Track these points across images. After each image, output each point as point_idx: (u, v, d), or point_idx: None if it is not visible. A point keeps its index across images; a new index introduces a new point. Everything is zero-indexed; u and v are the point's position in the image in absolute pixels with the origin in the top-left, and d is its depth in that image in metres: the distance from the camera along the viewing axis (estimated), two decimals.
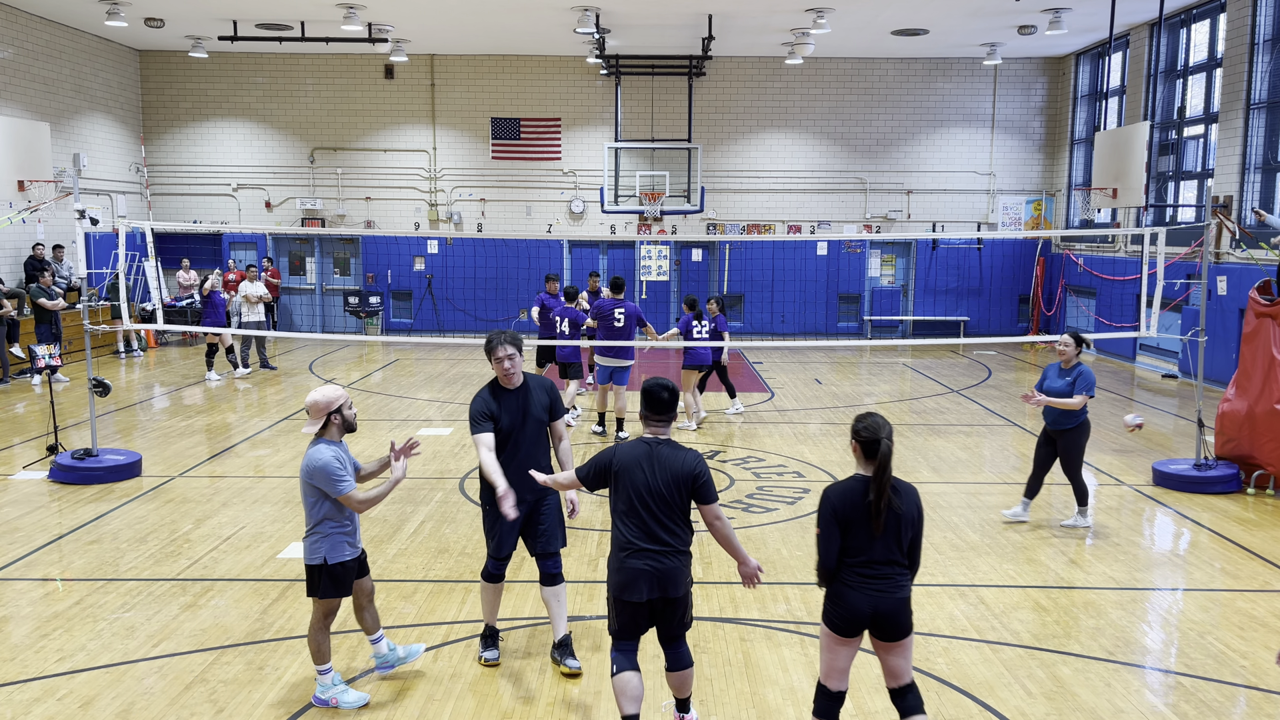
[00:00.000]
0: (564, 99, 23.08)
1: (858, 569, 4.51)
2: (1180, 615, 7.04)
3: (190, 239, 23.00)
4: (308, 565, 5.48)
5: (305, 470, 5.50)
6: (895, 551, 4.52)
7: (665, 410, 4.99)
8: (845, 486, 4.56)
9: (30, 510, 9.16)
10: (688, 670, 5.12)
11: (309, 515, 5.52)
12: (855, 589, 4.51)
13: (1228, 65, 16.40)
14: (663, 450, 4.92)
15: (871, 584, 4.50)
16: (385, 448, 11.69)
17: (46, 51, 19.43)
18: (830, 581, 4.60)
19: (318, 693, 5.55)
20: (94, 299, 18.74)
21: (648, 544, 4.88)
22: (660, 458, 4.90)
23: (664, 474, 4.87)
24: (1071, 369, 8.64)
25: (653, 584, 4.88)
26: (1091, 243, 21.26)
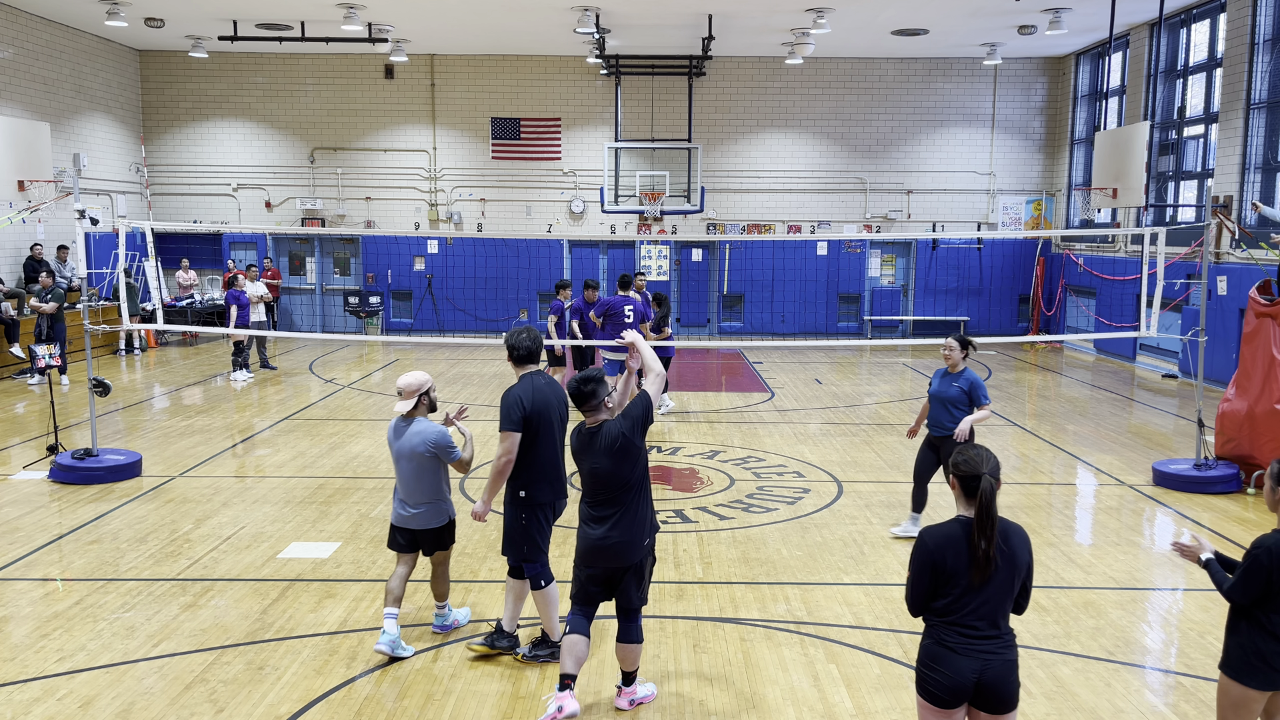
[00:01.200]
0: (564, 99, 23.08)
1: (959, 627, 3.92)
2: (1180, 615, 7.04)
3: (190, 239, 23.01)
4: (437, 527, 6.37)
5: (423, 443, 6.20)
6: (1004, 607, 3.96)
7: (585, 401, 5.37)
8: (945, 531, 4.01)
9: (30, 510, 9.16)
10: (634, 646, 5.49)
11: (426, 484, 6.27)
12: (958, 651, 3.90)
13: (1228, 65, 16.40)
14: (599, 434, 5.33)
15: (976, 645, 3.90)
16: (385, 448, 11.69)
17: (46, 51, 19.43)
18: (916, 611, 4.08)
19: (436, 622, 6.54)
20: (94, 299, 18.75)
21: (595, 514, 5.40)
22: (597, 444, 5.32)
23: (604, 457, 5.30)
24: (959, 374, 8.20)
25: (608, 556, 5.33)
26: (1091, 243, 21.26)
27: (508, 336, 6.03)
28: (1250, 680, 4.18)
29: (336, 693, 5.70)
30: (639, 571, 5.36)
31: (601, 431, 5.31)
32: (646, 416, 5.32)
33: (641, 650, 5.55)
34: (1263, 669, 4.16)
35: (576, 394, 5.38)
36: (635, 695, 5.60)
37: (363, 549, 8.14)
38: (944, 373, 8.34)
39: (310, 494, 9.76)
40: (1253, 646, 4.17)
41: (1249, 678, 4.18)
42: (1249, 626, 4.19)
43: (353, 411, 14.04)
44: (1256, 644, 4.16)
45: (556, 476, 6.03)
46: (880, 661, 6.14)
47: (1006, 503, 9.71)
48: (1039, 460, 11.51)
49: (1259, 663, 4.16)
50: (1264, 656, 4.14)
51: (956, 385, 8.15)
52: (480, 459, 10.72)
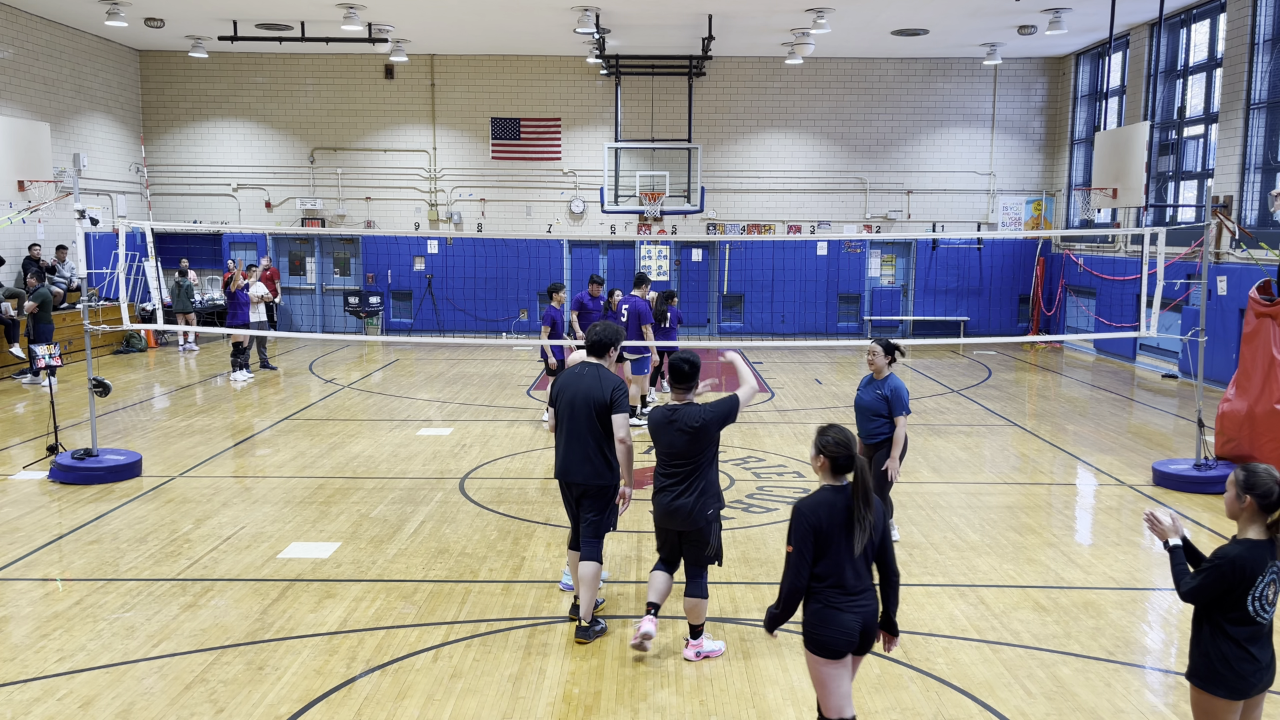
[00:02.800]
0: (564, 99, 23.08)
1: (839, 589, 4.37)
2: (1180, 615, 7.03)
3: (190, 239, 23.00)
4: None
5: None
6: (870, 563, 4.47)
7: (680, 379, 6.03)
8: (817, 499, 4.39)
9: (30, 510, 9.16)
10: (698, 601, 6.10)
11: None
12: (844, 610, 4.38)
13: (1228, 65, 16.40)
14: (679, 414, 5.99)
15: (856, 601, 4.39)
16: (385, 447, 11.70)
17: (46, 51, 19.43)
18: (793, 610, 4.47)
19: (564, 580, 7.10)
20: (94, 299, 18.75)
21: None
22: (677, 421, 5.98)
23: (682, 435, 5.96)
24: (883, 381, 7.78)
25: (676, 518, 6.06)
26: (1091, 243, 21.26)
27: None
28: (1218, 689, 4.16)
29: (336, 693, 5.70)
30: (702, 535, 6.02)
31: (682, 411, 5.98)
32: (730, 415, 5.99)
33: (706, 606, 6.16)
34: (1228, 675, 4.13)
35: (674, 369, 6.05)
36: (701, 648, 6.16)
37: (363, 549, 8.15)
38: (869, 379, 7.92)
39: (310, 494, 9.76)
40: (1217, 653, 4.15)
41: (1217, 686, 4.16)
42: (1211, 632, 4.17)
43: (353, 411, 14.04)
44: (1221, 650, 4.14)
45: (562, 456, 6.45)
46: (880, 661, 6.15)
47: (1007, 502, 9.72)
48: (1039, 460, 11.51)
49: (1224, 669, 4.13)
50: (1228, 662, 4.12)
51: (878, 393, 7.74)
52: (487, 458, 10.68)
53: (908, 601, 7.12)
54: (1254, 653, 4.11)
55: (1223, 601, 4.09)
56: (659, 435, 6.04)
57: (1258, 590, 4.05)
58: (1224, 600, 4.09)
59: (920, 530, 8.80)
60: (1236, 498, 4.15)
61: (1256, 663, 4.12)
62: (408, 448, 11.75)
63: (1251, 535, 4.09)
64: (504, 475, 10.57)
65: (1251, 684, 4.15)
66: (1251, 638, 4.11)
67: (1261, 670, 4.14)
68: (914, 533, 8.74)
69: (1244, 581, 4.04)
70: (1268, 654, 4.15)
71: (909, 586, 7.42)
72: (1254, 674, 4.13)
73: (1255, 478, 4.08)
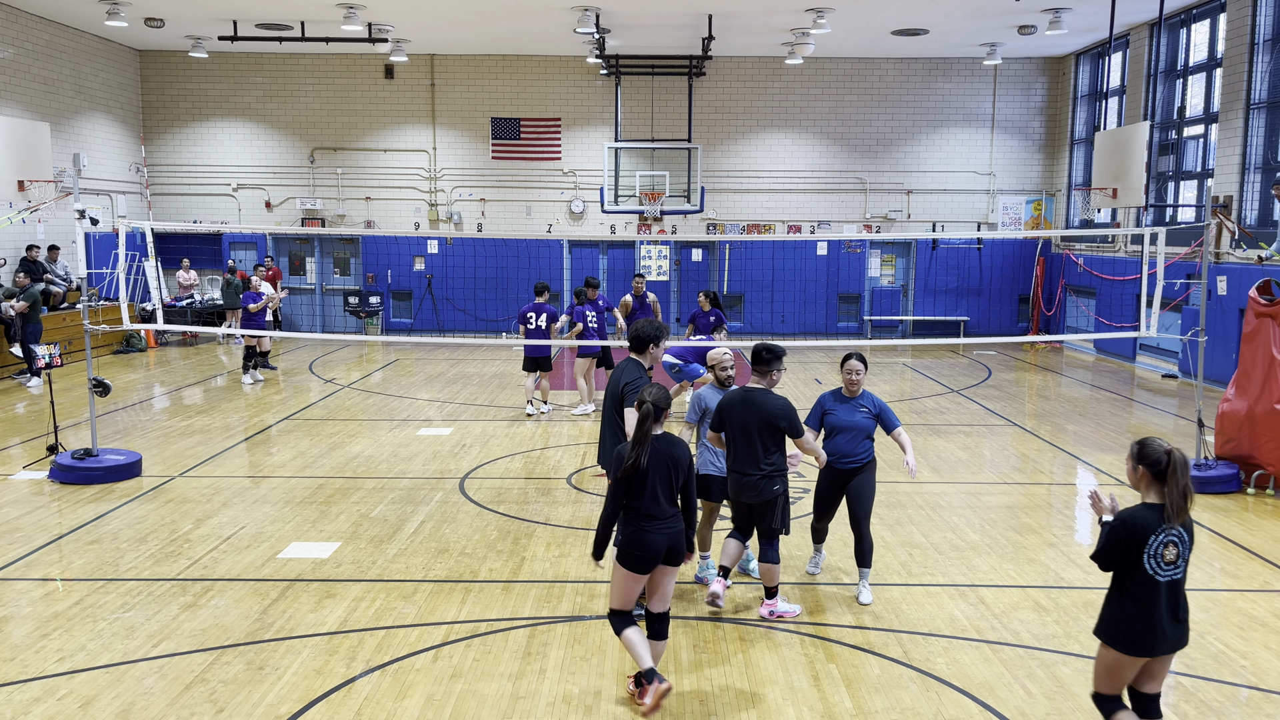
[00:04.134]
0: (564, 99, 23.08)
1: (646, 516, 5.43)
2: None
3: (190, 239, 23.01)
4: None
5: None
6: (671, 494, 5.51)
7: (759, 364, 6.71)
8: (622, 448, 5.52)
9: (30, 510, 9.16)
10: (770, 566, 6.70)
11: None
12: (653, 532, 5.43)
13: (1228, 65, 16.39)
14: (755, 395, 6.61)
15: (663, 525, 5.44)
16: (385, 448, 11.70)
17: (46, 51, 19.43)
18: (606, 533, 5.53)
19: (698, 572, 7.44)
20: (94, 299, 18.74)
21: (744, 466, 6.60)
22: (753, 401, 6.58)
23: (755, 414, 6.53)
24: (860, 398, 7.10)
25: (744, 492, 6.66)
26: (1091, 243, 21.26)
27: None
28: (1120, 645, 4.50)
29: (336, 693, 5.70)
30: (770, 507, 6.58)
31: (759, 395, 6.58)
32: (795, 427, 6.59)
33: (778, 570, 6.75)
34: (1127, 632, 4.48)
35: (755, 354, 6.72)
36: (775, 608, 6.75)
37: (363, 549, 8.15)
38: (839, 396, 7.14)
39: (310, 494, 9.76)
40: (1121, 613, 4.50)
41: (1116, 641, 4.51)
42: (1118, 594, 4.53)
43: (353, 411, 14.04)
44: (1124, 609, 4.49)
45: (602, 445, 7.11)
46: (880, 661, 6.15)
47: (1007, 502, 9.72)
48: (1039, 460, 11.51)
49: (1125, 627, 4.49)
50: (1129, 621, 4.48)
51: (863, 410, 7.06)
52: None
53: (907, 601, 7.12)
54: (1154, 613, 4.44)
55: (1124, 562, 4.47)
56: (732, 413, 6.58)
57: (1152, 549, 4.42)
58: (1125, 560, 4.47)
59: (920, 530, 8.80)
60: (1133, 469, 4.56)
61: (1155, 623, 4.44)
62: (408, 448, 11.75)
63: (1151, 500, 4.50)
64: (504, 475, 10.57)
65: (1149, 643, 4.47)
66: (1151, 597, 4.44)
67: (1157, 632, 4.46)
68: (914, 533, 8.74)
69: (1138, 540, 4.41)
70: (1168, 615, 4.47)
71: (909, 586, 7.42)
72: (1151, 634, 4.45)
73: (1146, 449, 4.51)
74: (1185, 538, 4.49)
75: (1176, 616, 4.51)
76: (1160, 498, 4.48)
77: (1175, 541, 4.45)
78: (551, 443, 12.17)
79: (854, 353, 7.15)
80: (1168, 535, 4.44)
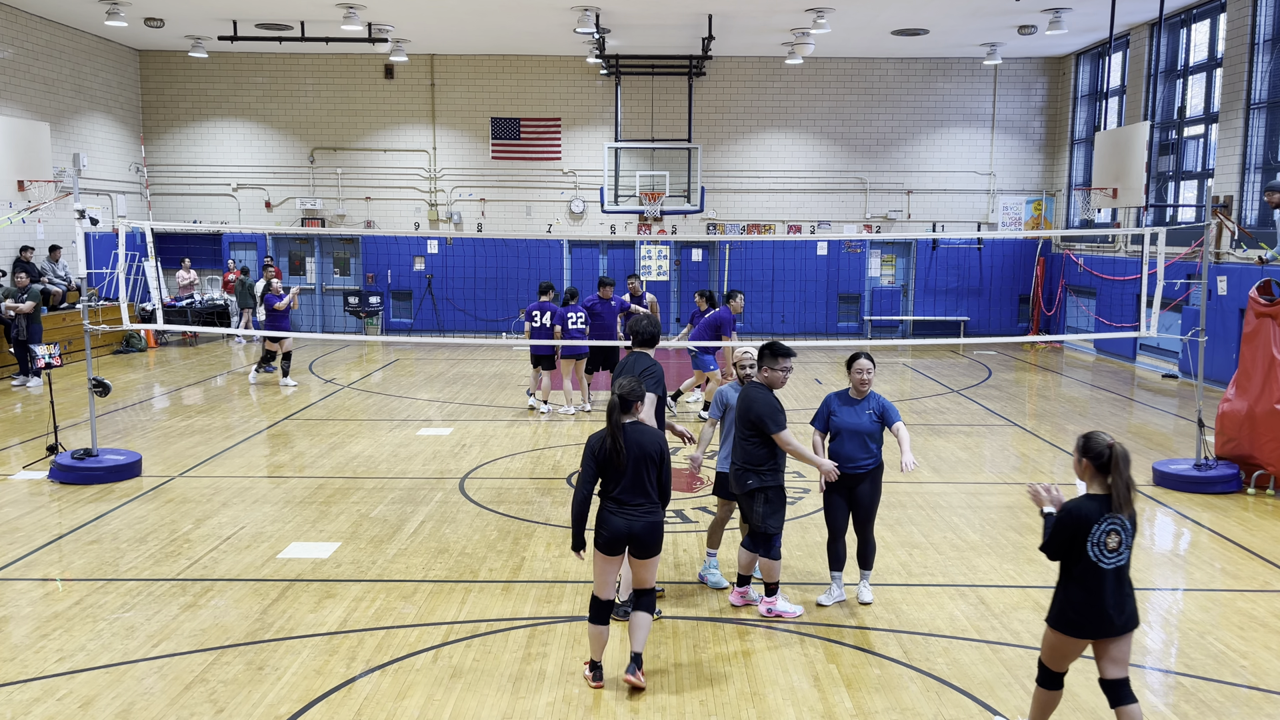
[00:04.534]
0: (564, 99, 23.08)
1: (614, 500, 5.67)
2: (1180, 615, 7.03)
3: (190, 239, 23.00)
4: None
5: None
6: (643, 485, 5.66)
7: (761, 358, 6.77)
8: (598, 434, 5.71)
9: (30, 510, 9.16)
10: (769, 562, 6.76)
11: None
12: (616, 515, 5.66)
13: (1228, 65, 16.39)
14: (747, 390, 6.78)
15: (627, 510, 5.64)
16: (385, 448, 11.70)
17: (46, 51, 19.43)
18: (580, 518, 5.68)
19: (701, 570, 7.52)
20: (94, 299, 18.74)
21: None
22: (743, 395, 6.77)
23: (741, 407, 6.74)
24: (868, 399, 6.86)
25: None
26: (1091, 243, 21.25)
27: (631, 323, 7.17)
28: (1065, 629, 4.77)
29: (336, 693, 5.70)
30: (749, 500, 6.67)
31: (750, 389, 6.73)
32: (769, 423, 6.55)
33: (776, 567, 6.74)
34: (1073, 616, 4.73)
35: (759, 350, 6.83)
36: (775, 606, 6.78)
37: (363, 549, 8.15)
38: (845, 398, 6.92)
39: (310, 494, 9.76)
40: (1067, 599, 4.76)
41: (1064, 627, 4.77)
42: (1065, 581, 4.79)
43: (353, 411, 14.04)
44: (1071, 595, 4.75)
45: None
46: (880, 661, 6.15)
47: (1007, 502, 9.72)
48: (1039, 460, 11.51)
49: (1071, 612, 4.74)
50: (1075, 606, 4.72)
51: (868, 413, 6.82)
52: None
53: (907, 601, 7.12)
54: (1099, 598, 4.68)
55: (1070, 551, 4.72)
56: (729, 408, 7.04)
57: (1095, 537, 4.65)
58: (1071, 549, 4.71)
59: (920, 530, 8.79)
60: (1078, 461, 4.79)
61: (1101, 607, 4.68)
62: (408, 448, 11.75)
63: (1095, 491, 4.72)
64: (504, 475, 10.57)
65: (1094, 627, 4.71)
66: (1096, 583, 4.68)
67: (1102, 616, 4.69)
68: (914, 533, 8.74)
69: (1081, 530, 4.65)
70: (1113, 600, 4.69)
71: (909, 586, 7.42)
72: (1097, 617, 4.70)
73: (1089, 442, 4.73)
74: (1128, 526, 4.69)
75: (1122, 601, 4.71)
76: (1103, 489, 4.69)
77: (1117, 530, 4.67)
78: (551, 443, 12.17)
79: (862, 352, 6.86)
80: (1110, 524, 4.66)
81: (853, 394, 6.88)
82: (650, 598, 5.83)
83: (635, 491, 5.66)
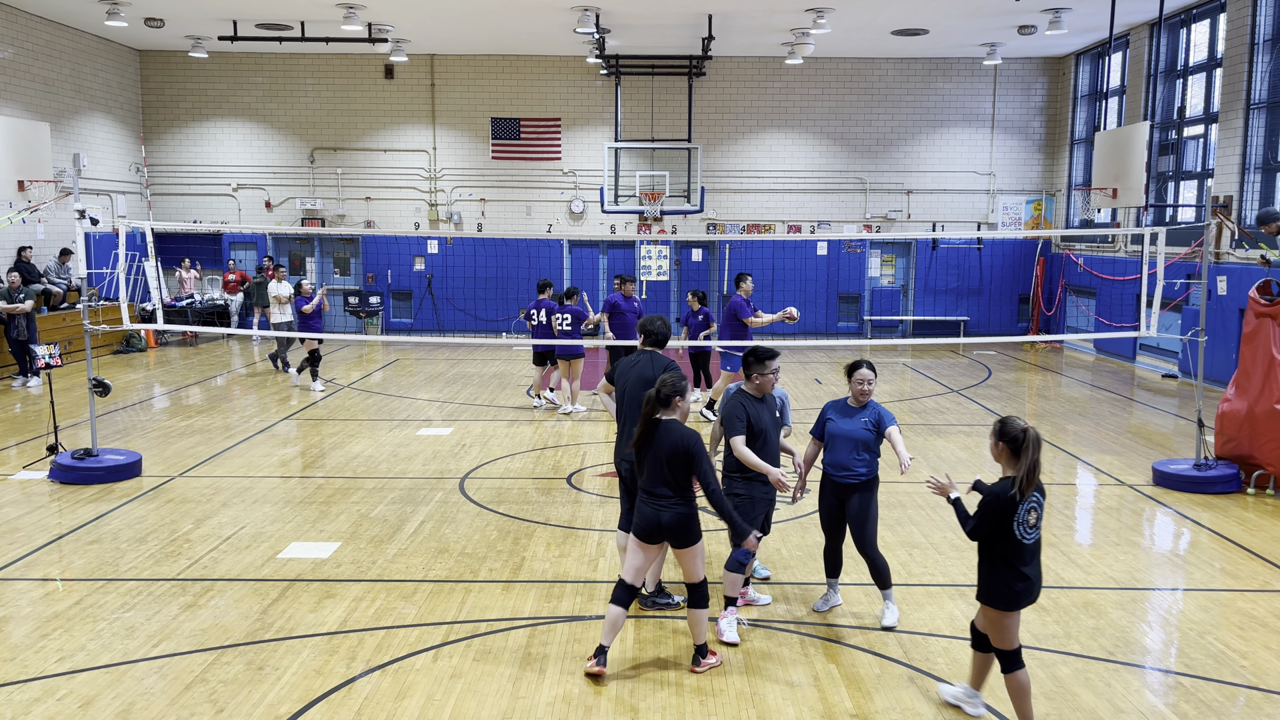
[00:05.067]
0: (564, 99, 23.08)
1: (643, 491, 5.92)
2: (1180, 615, 7.04)
3: (190, 239, 23.01)
4: None
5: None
6: (664, 477, 5.81)
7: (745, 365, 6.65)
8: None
9: (30, 510, 9.16)
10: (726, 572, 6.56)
11: None
12: (646, 504, 5.89)
13: (1228, 65, 16.39)
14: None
15: (655, 502, 5.85)
16: (385, 448, 11.70)
17: (46, 51, 19.43)
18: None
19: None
20: (95, 299, 18.73)
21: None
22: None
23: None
24: (865, 408, 6.70)
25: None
26: (1091, 243, 21.25)
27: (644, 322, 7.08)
28: (1004, 605, 5.09)
29: (336, 693, 5.70)
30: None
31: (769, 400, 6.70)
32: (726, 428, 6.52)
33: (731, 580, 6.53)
34: (1005, 591, 5.07)
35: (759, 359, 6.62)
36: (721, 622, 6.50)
37: (363, 549, 8.15)
38: (843, 407, 6.78)
39: (310, 494, 9.76)
40: (996, 575, 5.08)
41: (1002, 604, 5.09)
42: (991, 560, 5.10)
43: (353, 411, 14.04)
44: (999, 571, 5.07)
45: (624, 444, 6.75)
46: (880, 661, 6.15)
47: None
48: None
49: (1003, 587, 5.07)
50: (1005, 580, 5.06)
51: (864, 420, 6.64)
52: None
53: (907, 601, 7.12)
54: (1024, 571, 5.05)
55: (996, 531, 5.02)
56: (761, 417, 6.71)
57: (1020, 516, 4.98)
58: (997, 530, 5.01)
59: (920, 530, 8.80)
60: (995, 444, 5.09)
61: (1027, 580, 5.06)
62: (408, 448, 11.75)
63: (1009, 473, 5.03)
64: (504, 475, 10.57)
65: (1023, 597, 5.08)
66: (1020, 558, 5.03)
67: (1031, 585, 5.08)
68: (914, 533, 8.74)
69: (1009, 511, 4.96)
70: (1035, 570, 5.09)
71: (909, 586, 7.42)
72: (1025, 590, 5.07)
73: (1005, 427, 5.05)
74: (1041, 500, 5.05)
75: (1040, 572, 5.15)
76: (1017, 470, 4.99)
77: (1035, 507, 5.03)
78: (551, 443, 12.17)
79: (864, 360, 6.71)
80: (1029, 503, 5.00)
81: (851, 402, 6.73)
82: (700, 591, 5.98)
83: (660, 482, 5.85)
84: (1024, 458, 4.94)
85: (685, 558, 5.96)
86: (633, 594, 5.97)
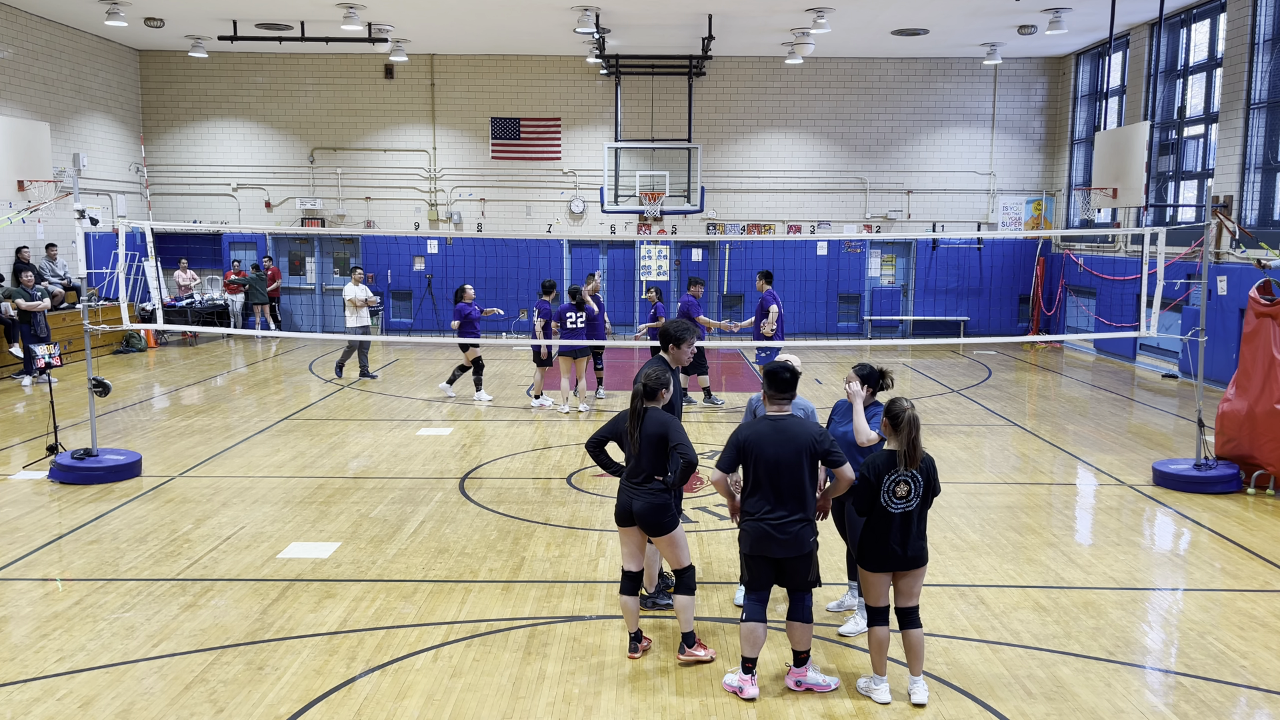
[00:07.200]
0: (564, 99, 23.08)
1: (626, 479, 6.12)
2: (1180, 615, 7.03)
3: (190, 239, 23.01)
4: None
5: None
6: (645, 465, 5.95)
7: (786, 389, 5.82)
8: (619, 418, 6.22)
9: (30, 510, 9.16)
10: (803, 625, 5.70)
11: None
12: (623, 491, 6.08)
13: (1228, 65, 16.39)
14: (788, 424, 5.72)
15: (631, 488, 6.02)
16: (384, 448, 11.70)
17: (46, 51, 19.43)
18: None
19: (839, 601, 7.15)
20: (94, 299, 18.73)
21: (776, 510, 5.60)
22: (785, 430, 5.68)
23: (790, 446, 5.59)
24: (865, 410, 6.56)
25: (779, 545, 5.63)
26: (1091, 243, 21.25)
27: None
28: (867, 565, 5.59)
29: (336, 693, 5.70)
30: (806, 561, 5.64)
31: (787, 423, 5.70)
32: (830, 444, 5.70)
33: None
34: (871, 553, 5.56)
35: (778, 379, 5.81)
36: (805, 679, 5.77)
37: (363, 549, 8.15)
38: (845, 408, 6.76)
39: (310, 494, 9.76)
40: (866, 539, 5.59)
41: (866, 560, 5.59)
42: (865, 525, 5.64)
43: (353, 411, 14.04)
44: (868, 535, 5.57)
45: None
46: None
47: (1007, 502, 9.72)
48: (1039, 460, 11.51)
49: (869, 549, 5.56)
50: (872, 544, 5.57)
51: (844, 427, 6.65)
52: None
53: None
54: (886, 537, 5.50)
55: (869, 500, 5.52)
56: (763, 448, 5.59)
57: (886, 486, 5.47)
58: (870, 499, 5.52)
59: None
60: (883, 421, 5.62)
61: (888, 545, 5.50)
62: (408, 448, 11.75)
63: (890, 447, 5.56)
64: (504, 475, 10.57)
65: (884, 561, 5.52)
66: (885, 525, 5.50)
67: (892, 551, 5.51)
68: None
69: (877, 479, 5.48)
70: (898, 538, 5.50)
71: None
72: (885, 554, 5.51)
73: (892, 406, 5.56)
74: (918, 478, 5.51)
75: (907, 540, 5.53)
76: (900, 446, 5.50)
77: (906, 481, 5.49)
78: (551, 442, 12.17)
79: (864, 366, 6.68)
80: (899, 476, 5.48)
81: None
82: (685, 577, 6.04)
83: (638, 469, 6.00)
84: (901, 435, 5.48)
85: (663, 545, 6.07)
86: (636, 580, 6.15)
